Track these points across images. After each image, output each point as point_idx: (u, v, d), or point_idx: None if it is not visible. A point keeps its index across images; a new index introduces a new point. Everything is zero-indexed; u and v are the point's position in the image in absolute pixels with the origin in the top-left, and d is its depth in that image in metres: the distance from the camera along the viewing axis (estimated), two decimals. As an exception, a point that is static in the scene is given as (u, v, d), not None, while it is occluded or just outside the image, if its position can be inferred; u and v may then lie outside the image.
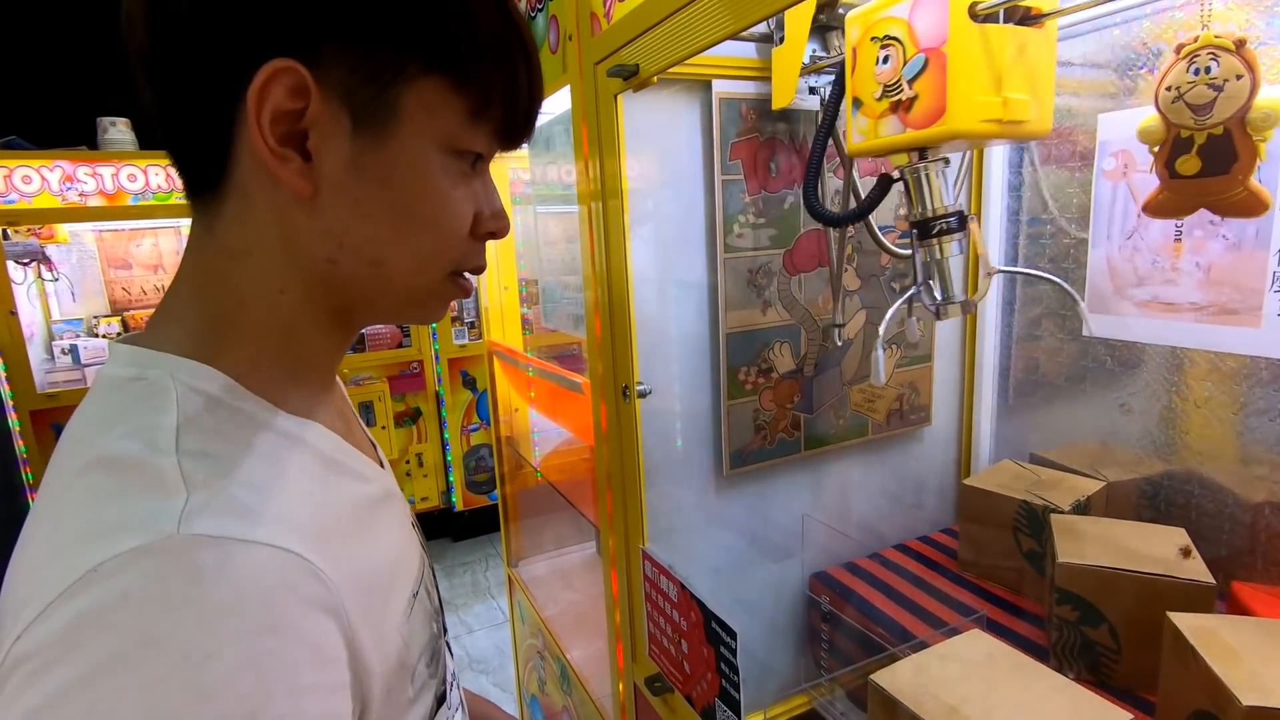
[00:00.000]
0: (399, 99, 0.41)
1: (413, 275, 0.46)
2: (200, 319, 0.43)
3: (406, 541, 0.52)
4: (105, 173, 2.82)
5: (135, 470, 0.35)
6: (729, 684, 0.81)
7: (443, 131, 0.43)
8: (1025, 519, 1.12)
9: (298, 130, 0.40)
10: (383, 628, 0.42)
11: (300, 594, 0.35)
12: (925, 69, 0.74)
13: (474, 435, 3.66)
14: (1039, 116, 0.78)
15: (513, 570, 1.88)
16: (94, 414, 0.40)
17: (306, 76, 0.38)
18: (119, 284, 3.36)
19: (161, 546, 0.32)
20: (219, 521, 0.34)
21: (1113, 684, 0.91)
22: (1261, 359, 0.96)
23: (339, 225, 0.42)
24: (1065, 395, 1.25)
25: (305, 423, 0.45)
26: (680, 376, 1.12)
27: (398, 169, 0.42)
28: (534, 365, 1.60)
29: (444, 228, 0.45)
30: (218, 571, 0.32)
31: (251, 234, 0.42)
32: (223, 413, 0.40)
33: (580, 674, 1.41)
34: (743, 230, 1.10)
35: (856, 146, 0.86)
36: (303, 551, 0.36)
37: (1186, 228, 1.01)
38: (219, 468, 0.37)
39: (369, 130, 0.41)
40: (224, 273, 0.43)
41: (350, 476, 0.47)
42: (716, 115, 1.04)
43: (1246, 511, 1.00)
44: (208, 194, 0.43)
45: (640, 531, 1.04)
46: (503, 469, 1.90)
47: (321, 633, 0.36)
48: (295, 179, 0.40)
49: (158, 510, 0.33)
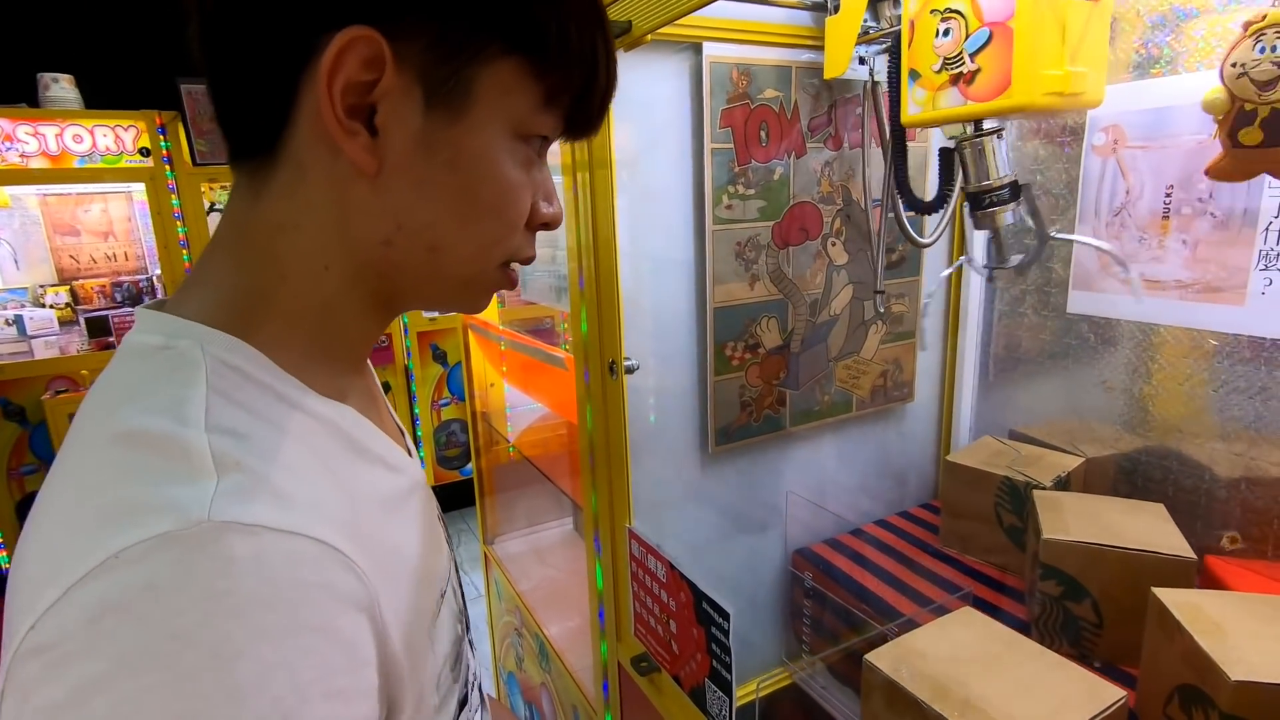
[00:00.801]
0: (476, 79, 0.39)
1: (469, 264, 0.44)
2: (236, 290, 0.40)
3: (435, 537, 0.49)
4: (48, 133, 2.65)
5: (162, 447, 0.32)
6: (720, 665, 0.80)
7: (515, 116, 0.41)
8: (1007, 495, 1.13)
9: (366, 103, 0.37)
10: (411, 630, 0.39)
11: (337, 590, 0.32)
12: (989, 43, 0.75)
13: (445, 410, 3.60)
14: (1094, 86, 0.79)
15: (489, 548, 1.85)
16: (118, 383, 0.37)
17: (385, 47, 0.36)
18: (66, 251, 3.19)
19: (191, 533, 0.29)
20: (252, 508, 0.31)
21: (1094, 657, 0.93)
22: (1244, 337, 0.97)
23: (401, 206, 0.40)
24: (1046, 372, 1.25)
25: (337, 405, 0.42)
26: (666, 352, 1.10)
27: (467, 151, 0.40)
28: (511, 339, 1.56)
29: (507, 216, 0.43)
30: (252, 563, 0.30)
31: (302, 207, 0.40)
32: (254, 390, 0.37)
33: (560, 651, 1.39)
34: (732, 202, 1.07)
35: (913, 118, 0.86)
36: (339, 544, 0.33)
37: (1175, 205, 1.01)
38: (251, 448, 0.34)
39: (442, 109, 0.39)
40: (267, 244, 0.40)
41: (381, 465, 0.44)
42: (707, 80, 1.00)
43: (1223, 487, 1.01)
44: (258, 160, 0.40)
45: (626, 510, 1.02)
46: (477, 444, 1.86)
47: (356, 632, 0.33)
48: (361, 154, 0.38)
49: (187, 493, 0.30)
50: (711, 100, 1.01)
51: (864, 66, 1.07)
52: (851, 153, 1.16)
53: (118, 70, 2.71)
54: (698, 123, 1.03)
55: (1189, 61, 0.97)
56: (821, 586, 1.17)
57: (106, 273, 3.22)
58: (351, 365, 0.46)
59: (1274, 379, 0.95)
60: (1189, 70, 0.97)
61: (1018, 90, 0.74)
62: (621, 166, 0.95)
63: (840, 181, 1.16)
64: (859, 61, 1.06)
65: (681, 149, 1.04)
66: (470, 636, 0.56)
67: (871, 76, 1.08)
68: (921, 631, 0.80)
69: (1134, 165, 1.05)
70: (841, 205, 1.17)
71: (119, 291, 3.16)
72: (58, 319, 2.96)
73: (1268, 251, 0.92)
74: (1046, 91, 0.74)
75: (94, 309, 3.07)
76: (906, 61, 0.85)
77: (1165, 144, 1.00)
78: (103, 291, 3.16)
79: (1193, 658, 0.72)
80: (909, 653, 0.76)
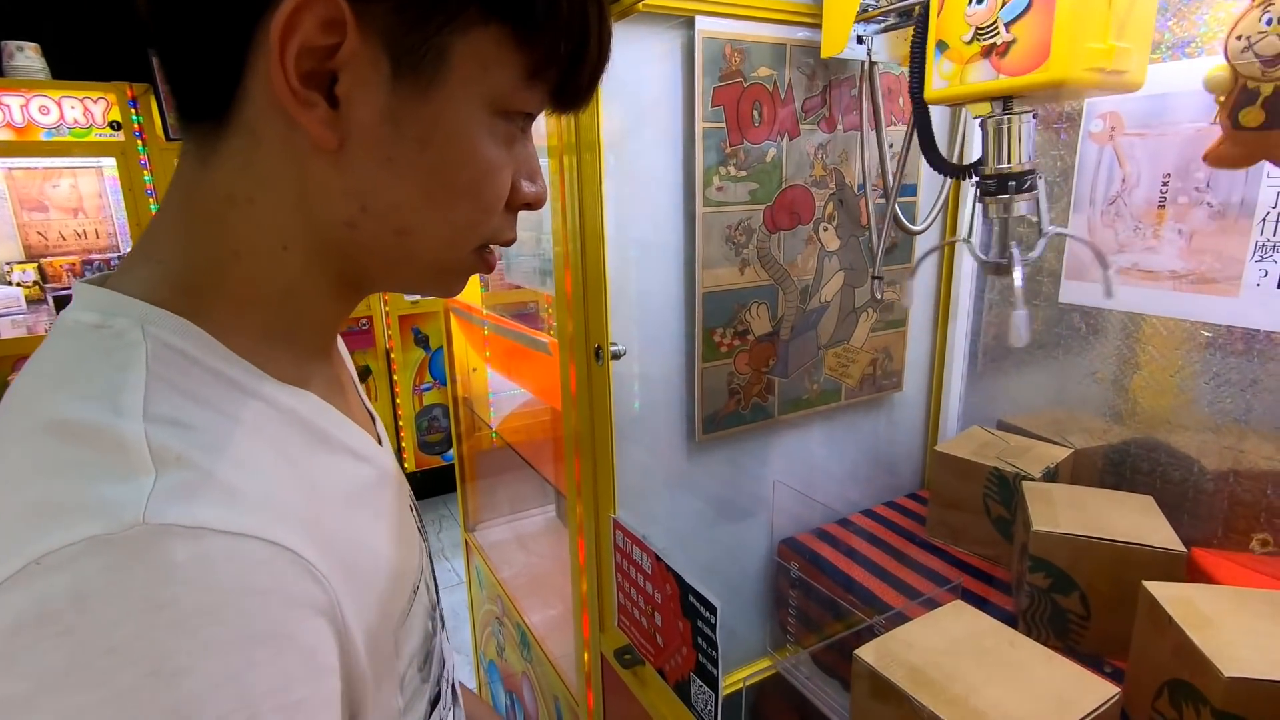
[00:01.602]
0: (450, 48, 0.35)
1: (441, 248, 0.40)
2: (184, 265, 0.37)
3: (406, 530, 0.46)
4: (13, 103, 2.56)
5: (93, 439, 0.29)
6: (706, 659, 0.78)
7: (495, 90, 0.37)
8: (996, 486, 1.12)
9: (325, 70, 0.34)
10: (377, 632, 0.37)
11: (291, 595, 0.30)
12: (1028, 10, 0.69)
13: (426, 395, 3.55)
14: (1138, 67, 0.73)
15: (470, 534, 1.82)
16: (48, 366, 0.33)
17: (345, 8, 0.32)
18: (33, 228, 3.09)
19: (124, 537, 0.26)
20: (194, 508, 0.28)
21: (1081, 650, 0.92)
22: (1238, 329, 0.96)
23: (365, 186, 0.37)
24: (1036, 362, 1.24)
25: (297, 391, 0.38)
26: (653, 337, 1.07)
27: (441, 128, 0.36)
28: (494, 323, 1.52)
29: (483, 198, 0.40)
30: (194, 569, 0.27)
31: (256, 179, 0.36)
32: (201, 375, 0.34)
33: (541, 641, 1.37)
34: (723, 184, 1.04)
35: (938, 93, 0.80)
36: (295, 545, 0.30)
37: (1172, 194, 1.00)
38: (195, 440, 0.31)
39: (412, 80, 0.35)
40: (217, 217, 0.37)
41: (346, 455, 0.41)
42: (699, 56, 0.96)
43: (1211, 480, 1.01)
44: (207, 123, 0.36)
45: (611, 499, 1.00)
46: (459, 430, 1.83)
47: (316, 639, 0.30)
48: (319, 127, 0.34)
49: (120, 491, 0.27)
50: (704, 77, 0.98)
51: (861, 46, 1.04)
52: (845, 135, 1.13)
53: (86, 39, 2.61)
54: (689, 101, 0.99)
55: (1190, 47, 0.95)
56: (808, 577, 1.16)
57: (76, 250, 3.13)
58: (316, 349, 0.43)
59: (1266, 371, 0.94)
60: (1190, 56, 0.96)
61: (1056, 63, 0.68)
62: (609, 147, 0.92)
63: (833, 165, 1.13)
64: (857, 41, 1.03)
65: (672, 128, 1.01)
66: (444, 631, 0.53)
67: (869, 56, 1.05)
68: (911, 625, 0.79)
69: (1131, 153, 1.04)
70: (834, 189, 1.15)
71: (89, 269, 3.08)
72: (25, 297, 2.88)
73: (1264, 243, 0.91)
74: (1088, 66, 0.68)
75: (63, 287, 2.99)
76: (934, 32, 0.79)
77: (1164, 131, 0.99)
78: (72, 269, 3.07)
79: (1184, 653, 0.71)
80: (898, 647, 0.75)
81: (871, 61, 1.05)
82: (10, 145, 2.60)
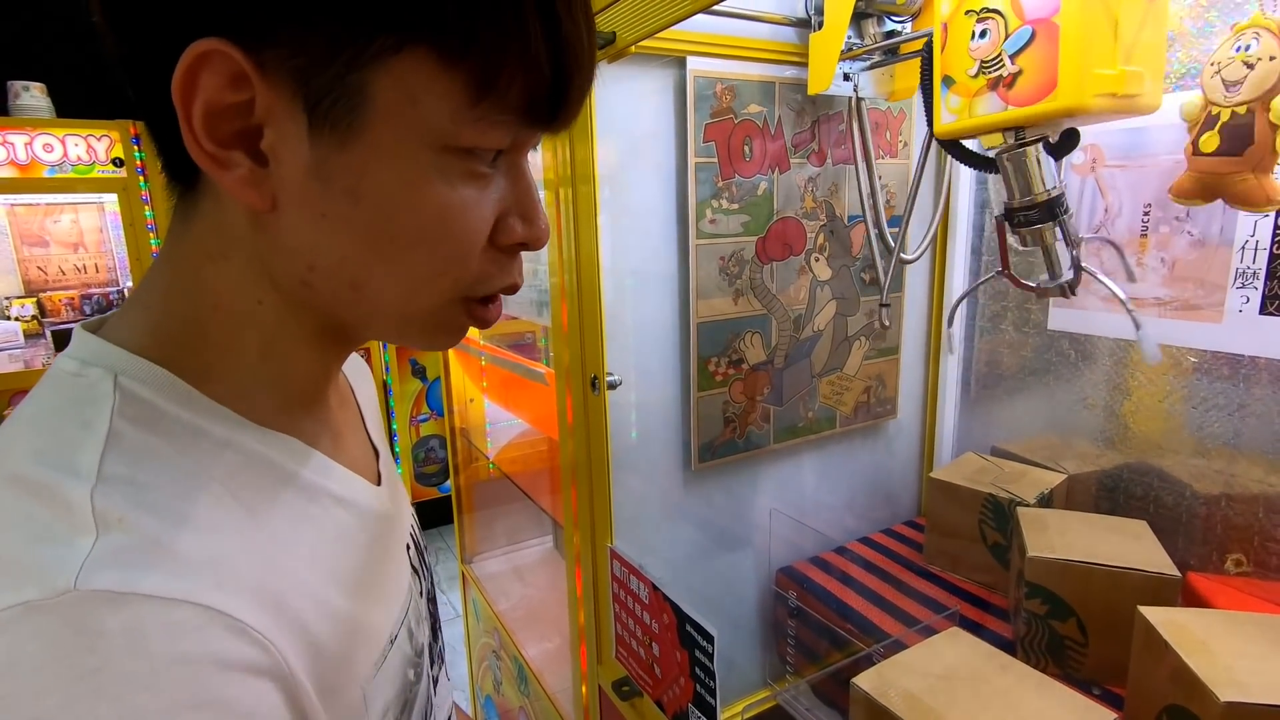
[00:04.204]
0: (366, 86, 0.31)
1: (403, 301, 0.37)
2: (167, 315, 0.37)
3: (389, 576, 0.45)
4: (17, 141, 2.60)
5: (46, 497, 0.30)
6: (704, 689, 0.78)
7: (432, 124, 0.33)
8: (991, 512, 1.12)
9: (250, 127, 0.32)
10: (339, 688, 0.36)
11: (228, 660, 0.29)
12: (1031, 42, 0.69)
13: (423, 426, 3.55)
14: (1151, 90, 0.72)
15: (467, 567, 1.81)
16: (28, 412, 0.34)
17: (240, 59, 0.30)
18: (34, 263, 3.11)
19: (55, 604, 0.26)
20: (126, 574, 0.28)
21: (1079, 676, 0.92)
22: (1223, 354, 0.97)
23: (306, 244, 0.35)
24: (1028, 388, 1.26)
25: (278, 438, 0.38)
26: (649, 367, 1.08)
27: (372, 177, 0.33)
28: (491, 353, 1.53)
29: (441, 247, 0.36)
30: (122, 636, 0.27)
31: (227, 238, 0.36)
32: (169, 426, 0.34)
33: (539, 675, 1.36)
34: (715, 216, 1.06)
35: (947, 127, 0.80)
36: (230, 608, 0.30)
37: (1153, 223, 1.02)
38: (144, 499, 0.31)
39: (330, 127, 0.32)
40: (198, 270, 0.37)
41: (324, 502, 0.40)
42: (691, 94, 0.99)
43: (1203, 504, 1.02)
44: (183, 183, 0.36)
45: (608, 529, 1.00)
46: (456, 461, 1.83)
47: (255, 702, 0.30)
48: (243, 189, 0.33)
49: (57, 555, 0.28)
50: (695, 114, 1.01)
51: (848, 83, 1.07)
52: (835, 169, 1.16)
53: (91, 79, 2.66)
54: (681, 137, 1.02)
55: (1166, 81, 0.99)
56: (805, 605, 1.15)
57: (76, 285, 3.14)
58: (306, 395, 0.42)
59: (1252, 396, 0.96)
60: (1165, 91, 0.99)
61: (1064, 91, 0.68)
62: (604, 180, 0.94)
63: (824, 197, 1.16)
64: (843, 78, 1.06)
65: (665, 163, 1.03)
66: (434, 673, 0.51)
67: (856, 93, 1.08)
68: (909, 653, 0.79)
69: (1112, 184, 1.06)
70: (825, 221, 1.17)
71: (88, 304, 3.09)
72: (23, 332, 2.89)
73: (1244, 269, 0.93)
74: (1098, 93, 0.68)
75: (62, 322, 3.00)
76: (939, 67, 0.80)
77: (1143, 163, 1.02)
78: (71, 304, 3.08)
79: (1181, 678, 0.71)
80: (897, 674, 0.75)
81: (859, 98, 1.09)
82: (14, 182, 2.63)
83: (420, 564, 0.53)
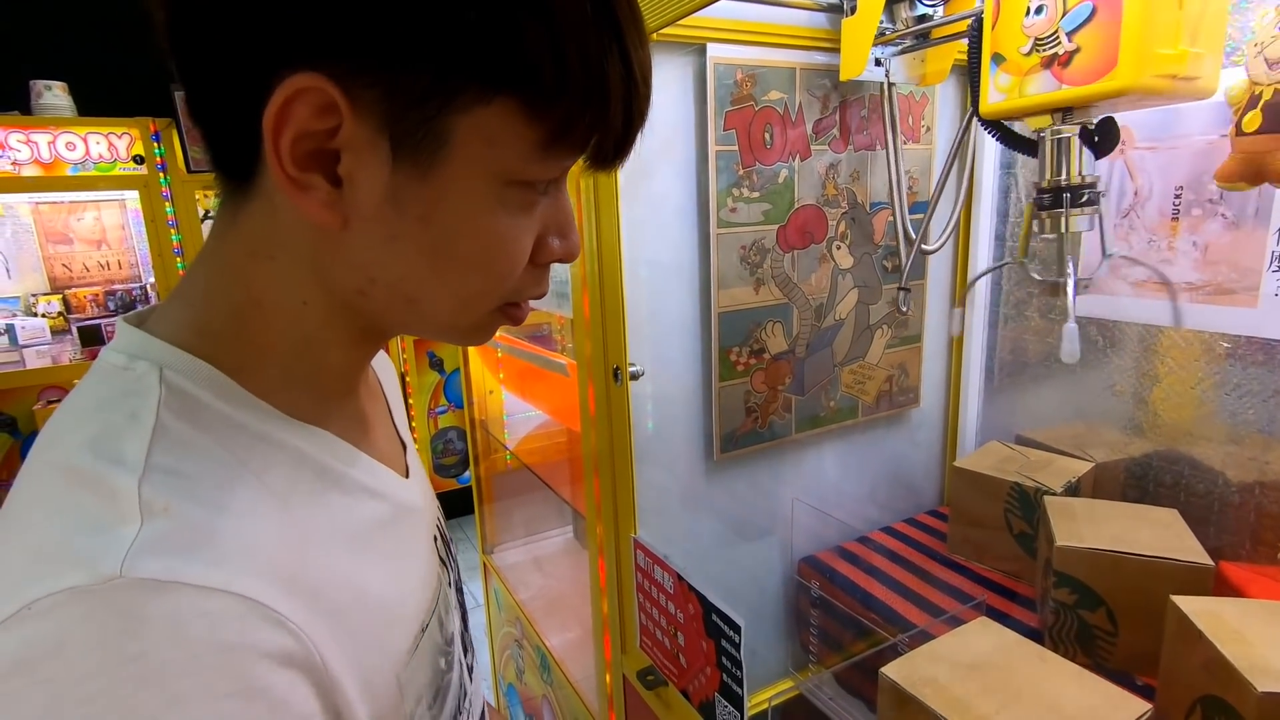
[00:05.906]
0: (451, 129, 0.33)
1: (455, 314, 0.40)
2: (209, 309, 0.38)
3: (420, 566, 0.46)
4: (41, 140, 2.63)
5: (94, 486, 0.30)
6: (731, 679, 0.78)
7: (505, 164, 0.35)
8: (1017, 501, 1.11)
9: (328, 149, 0.33)
10: (374, 674, 0.37)
11: (263, 649, 0.30)
12: (1091, 18, 0.67)
13: (441, 418, 3.57)
14: (1210, 73, 0.70)
15: (487, 557, 1.82)
16: (79, 403, 0.35)
17: (336, 95, 0.32)
18: (59, 260, 3.16)
19: (100, 590, 0.27)
20: (170, 562, 0.29)
21: (1109, 667, 0.91)
22: (1257, 339, 0.95)
23: (371, 260, 0.37)
24: (1053, 376, 1.24)
25: (313, 431, 0.39)
26: (670, 357, 1.08)
27: (444, 206, 0.35)
28: (509, 345, 1.54)
29: (495, 268, 0.39)
30: (165, 623, 0.28)
31: (277, 241, 0.37)
32: (210, 419, 0.35)
33: (562, 663, 1.37)
34: (736, 205, 1.05)
35: (995, 107, 0.77)
36: (267, 598, 0.31)
37: (1185, 206, 1.00)
38: (188, 489, 0.32)
39: (412, 161, 0.34)
40: (243, 269, 0.38)
41: (357, 493, 0.41)
42: (711, 81, 0.98)
43: (1236, 492, 1.00)
44: (234, 181, 0.37)
45: (631, 519, 1.00)
46: (476, 452, 1.84)
47: (288, 691, 0.31)
48: (320, 210, 0.34)
49: (104, 543, 0.28)
50: (715, 102, 1.00)
51: (879, 68, 1.05)
52: (857, 155, 1.15)
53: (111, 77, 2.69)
54: (701, 125, 1.01)
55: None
56: (829, 595, 1.15)
57: (100, 281, 3.19)
58: (338, 389, 0.44)
59: (1287, 382, 0.94)
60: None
61: (1124, 70, 0.65)
62: (625, 171, 0.94)
63: (845, 184, 1.15)
64: (875, 63, 1.05)
65: (685, 151, 1.02)
66: (467, 661, 0.53)
67: (888, 78, 1.06)
68: (938, 642, 0.79)
69: (1142, 166, 1.04)
70: (847, 208, 1.16)
71: (112, 300, 3.13)
72: (50, 328, 2.93)
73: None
74: (1158, 73, 0.65)
75: (86, 318, 3.04)
76: (988, 45, 0.77)
77: (1175, 144, 0.99)
78: (95, 300, 3.13)
79: (1215, 668, 0.70)
80: (925, 664, 0.74)
81: (890, 83, 1.07)
82: (38, 180, 2.67)
83: (447, 555, 0.54)
